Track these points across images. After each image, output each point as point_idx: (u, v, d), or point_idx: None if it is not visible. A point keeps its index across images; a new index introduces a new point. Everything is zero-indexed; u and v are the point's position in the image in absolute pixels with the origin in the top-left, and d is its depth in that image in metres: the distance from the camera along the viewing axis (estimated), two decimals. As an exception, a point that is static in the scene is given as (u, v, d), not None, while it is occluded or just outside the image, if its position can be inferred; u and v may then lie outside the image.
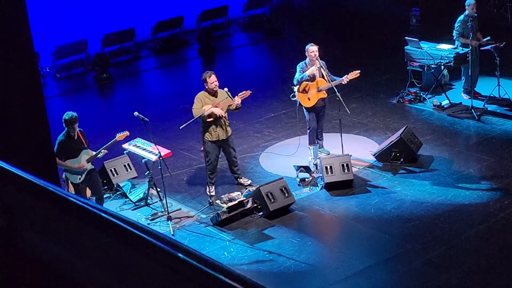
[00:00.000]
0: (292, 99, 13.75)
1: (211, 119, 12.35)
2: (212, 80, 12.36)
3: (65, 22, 21.28)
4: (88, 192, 11.92)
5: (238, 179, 13.11)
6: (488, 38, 15.62)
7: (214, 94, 12.43)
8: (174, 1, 23.49)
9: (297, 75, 13.44)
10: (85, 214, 2.82)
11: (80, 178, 11.49)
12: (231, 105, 12.49)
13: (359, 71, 13.38)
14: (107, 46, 22.03)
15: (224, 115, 12.46)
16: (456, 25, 15.68)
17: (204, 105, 12.32)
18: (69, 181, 12.05)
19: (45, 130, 5.43)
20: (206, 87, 12.43)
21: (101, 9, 21.96)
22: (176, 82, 20.64)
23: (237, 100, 12.48)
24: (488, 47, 15.50)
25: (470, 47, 15.20)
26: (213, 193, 12.65)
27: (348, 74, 13.29)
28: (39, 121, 5.59)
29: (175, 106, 17.47)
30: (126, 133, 11.89)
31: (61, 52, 21.13)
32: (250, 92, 12.72)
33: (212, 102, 12.37)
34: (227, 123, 12.60)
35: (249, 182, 13.13)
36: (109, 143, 11.72)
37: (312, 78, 13.38)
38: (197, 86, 12.54)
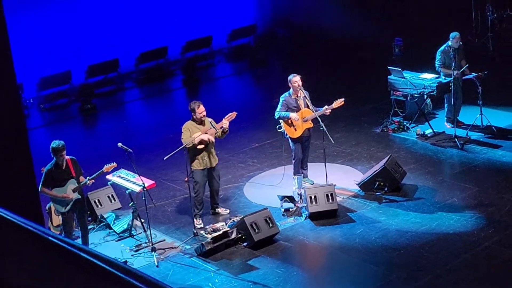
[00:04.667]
0: (279, 130, 13.75)
1: (202, 146, 12.39)
2: (201, 110, 12.41)
3: (49, 53, 21.27)
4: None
5: (216, 209, 13.10)
6: (467, 66, 15.68)
7: (201, 123, 12.47)
8: (158, 32, 23.53)
9: (279, 108, 13.45)
10: (60, 252, 2.79)
11: (65, 208, 11.45)
12: (217, 133, 12.52)
13: (343, 99, 13.42)
14: (91, 77, 22.01)
15: (213, 141, 12.49)
16: (437, 56, 15.77)
17: (192, 134, 12.34)
18: (53, 212, 12.03)
19: (27, 162, 5.41)
20: (194, 117, 12.45)
21: (85, 40, 21.97)
22: (160, 113, 20.63)
23: (225, 122, 12.51)
24: (470, 76, 15.60)
25: (453, 77, 15.29)
26: (201, 225, 12.60)
27: (332, 104, 13.33)
28: (21, 152, 5.57)
29: (159, 136, 17.46)
30: (114, 164, 11.88)
31: (45, 83, 21.10)
32: (236, 113, 12.73)
33: (200, 130, 12.39)
34: (214, 151, 12.64)
35: (227, 211, 13.12)
36: (96, 174, 11.68)
37: (297, 108, 13.40)
38: (181, 117, 12.57)
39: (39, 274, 2.96)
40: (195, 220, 12.64)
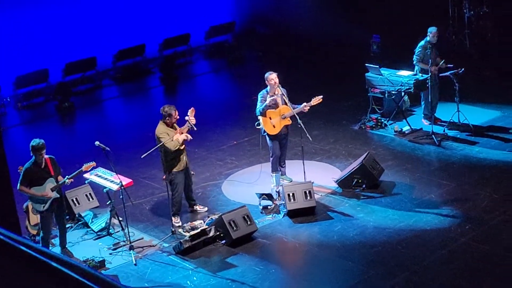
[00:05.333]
0: (257, 127, 13.76)
1: (183, 146, 12.37)
2: (177, 115, 12.41)
3: (26, 52, 21.16)
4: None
5: (194, 206, 13.10)
6: (443, 61, 15.75)
7: (172, 126, 12.43)
8: (136, 29, 23.46)
9: (259, 105, 13.46)
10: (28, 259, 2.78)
11: (44, 206, 11.39)
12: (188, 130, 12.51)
13: (321, 96, 13.44)
14: (68, 75, 21.92)
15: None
16: (416, 50, 15.86)
17: (171, 137, 12.27)
18: (30, 211, 11.97)
19: (1, 161, 5.39)
20: (168, 121, 12.37)
21: (62, 38, 21.87)
22: (138, 111, 20.57)
23: (192, 119, 12.43)
24: (447, 73, 15.67)
25: (430, 74, 15.37)
26: (179, 223, 12.59)
27: (310, 101, 13.34)
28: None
29: (137, 135, 17.41)
30: (93, 163, 11.84)
31: (22, 81, 20.98)
32: (194, 108, 12.64)
33: (175, 132, 12.35)
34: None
35: (205, 209, 13.13)
36: (75, 173, 11.63)
37: (275, 105, 13.40)
38: (159, 115, 12.49)
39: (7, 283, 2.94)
40: (173, 218, 12.62)
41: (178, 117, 12.43)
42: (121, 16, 23.19)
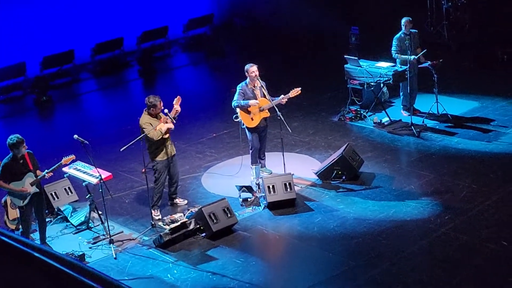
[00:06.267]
0: (235, 120, 13.73)
1: (167, 135, 12.34)
2: (161, 105, 12.37)
3: (2, 45, 21.02)
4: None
5: (174, 200, 13.07)
6: (424, 51, 15.79)
7: (156, 116, 12.39)
8: (114, 22, 23.36)
9: (236, 97, 13.42)
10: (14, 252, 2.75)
11: (23, 202, 11.32)
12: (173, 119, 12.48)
13: (299, 88, 13.43)
14: (46, 69, 21.80)
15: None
16: (393, 43, 15.87)
17: (154, 126, 12.25)
18: (9, 206, 11.90)
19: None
20: (153, 111, 12.33)
21: (40, 31, 21.75)
22: (116, 104, 20.50)
23: (177, 107, 12.40)
24: (426, 64, 15.73)
25: (408, 65, 15.40)
26: (159, 217, 12.56)
27: (289, 93, 13.33)
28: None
29: (115, 128, 17.36)
30: (72, 156, 11.76)
31: (0, 75, 20.86)
32: (179, 96, 12.60)
33: (159, 122, 12.32)
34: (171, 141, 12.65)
35: (185, 202, 13.11)
36: (54, 167, 11.55)
37: (253, 98, 13.38)
38: (138, 108, 12.46)
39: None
40: (153, 211, 12.58)
41: (162, 107, 12.39)
42: (99, 9, 23.09)
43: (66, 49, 22.14)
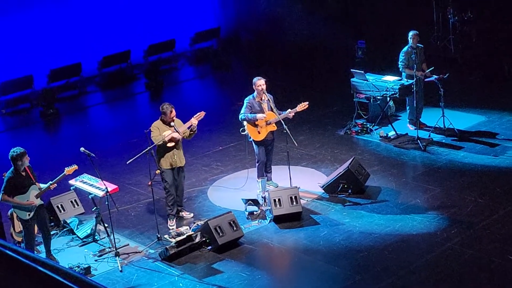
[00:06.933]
0: (242, 133, 13.74)
1: (172, 144, 12.39)
2: (173, 115, 12.47)
3: (10, 58, 21.10)
4: (36, 228, 11.75)
5: (180, 212, 13.08)
6: (432, 68, 15.83)
7: (169, 124, 12.45)
8: (121, 36, 23.42)
9: (243, 110, 13.43)
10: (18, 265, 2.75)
11: (29, 215, 11.31)
12: (185, 133, 12.51)
13: (307, 102, 13.45)
14: (53, 81, 21.85)
15: (181, 139, 12.56)
16: (400, 57, 15.89)
17: (161, 132, 12.34)
18: (15, 218, 11.89)
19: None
20: (165, 118, 12.44)
21: (47, 44, 21.82)
22: (123, 117, 20.54)
23: (193, 121, 12.50)
24: (432, 78, 15.74)
25: (415, 79, 15.40)
26: (174, 226, 12.59)
27: (296, 107, 13.34)
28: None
29: (122, 141, 17.39)
30: (75, 167, 11.74)
31: (7, 87, 20.92)
32: (204, 112, 12.71)
33: (169, 129, 12.39)
34: (182, 151, 12.74)
35: (191, 215, 13.12)
36: (57, 178, 11.56)
37: (260, 111, 13.39)
38: (144, 121, 12.51)
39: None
40: (168, 221, 12.68)
41: (174, 116, 12.46)
42: (106, 22, 23.15)
43: (73, 62, 22.20)
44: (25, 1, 21.48)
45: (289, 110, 13.32)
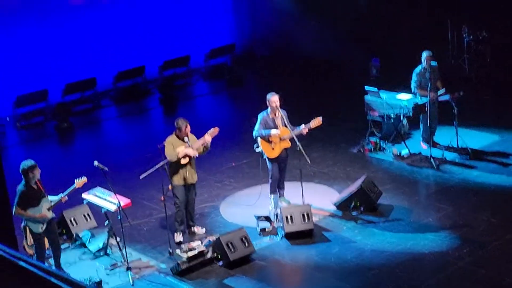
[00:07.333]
0: (256, 150, 13.73)
1: (186, 160, 12.43)
2: (188, 130, 12.54)
3: (26, 71, 21.24)
4: (47, 242, 11.79)
5: (192, 228, 13.09)
6: (443, 90, 15.80)
7: (183, 139, 12.50)
8: (136, 51, 23.54)
9: (257, 126, 13.44)
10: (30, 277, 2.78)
11: (42, 227, 11.37)
12: (198, 149, 12.55)
13: (321, 118, 13.46)
14: (68, 95, 21.97)
15: (196, 155, 12.61)
16: (413, 77, 15.87)
17: (175, 148, 12.39)
18: (28, 231, 11.92)
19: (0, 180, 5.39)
20: (179, 133, 12.50)
21: (62, 59, 21.95)
22: (137, 132, 20.61)
23: (207, 137, 12.54)
24: (446, 97, 15.70)
25: (429, 98, 15.38)
26: (181, 240, 12.62)
27: (310, 123, 13.35)
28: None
29: (135, 155, 17.42)
30: (84, 179, 11.77)
31: (22, 101, 21.05)
32: (218, 129, 12.75)
33: (183, 145, 12.44)
34: (195, 168, 12.75)
35: (203, 230, 13.12)
36: (68, 190, 11.61)
37: (274, 127, 13.40)
38: (158, 135, 12.55)
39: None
40: (175, 234, 12.66)
41: (188, 131, 12.53)
42: (121, 37, 23.28)
43: (88, 76, 22.32)
44: (42, 16, 21.63)
45: (303, 126, 13.33)
